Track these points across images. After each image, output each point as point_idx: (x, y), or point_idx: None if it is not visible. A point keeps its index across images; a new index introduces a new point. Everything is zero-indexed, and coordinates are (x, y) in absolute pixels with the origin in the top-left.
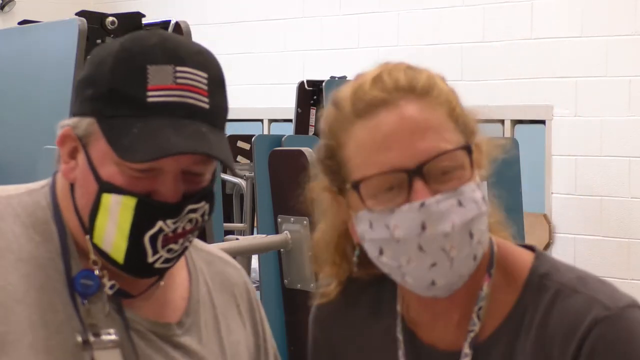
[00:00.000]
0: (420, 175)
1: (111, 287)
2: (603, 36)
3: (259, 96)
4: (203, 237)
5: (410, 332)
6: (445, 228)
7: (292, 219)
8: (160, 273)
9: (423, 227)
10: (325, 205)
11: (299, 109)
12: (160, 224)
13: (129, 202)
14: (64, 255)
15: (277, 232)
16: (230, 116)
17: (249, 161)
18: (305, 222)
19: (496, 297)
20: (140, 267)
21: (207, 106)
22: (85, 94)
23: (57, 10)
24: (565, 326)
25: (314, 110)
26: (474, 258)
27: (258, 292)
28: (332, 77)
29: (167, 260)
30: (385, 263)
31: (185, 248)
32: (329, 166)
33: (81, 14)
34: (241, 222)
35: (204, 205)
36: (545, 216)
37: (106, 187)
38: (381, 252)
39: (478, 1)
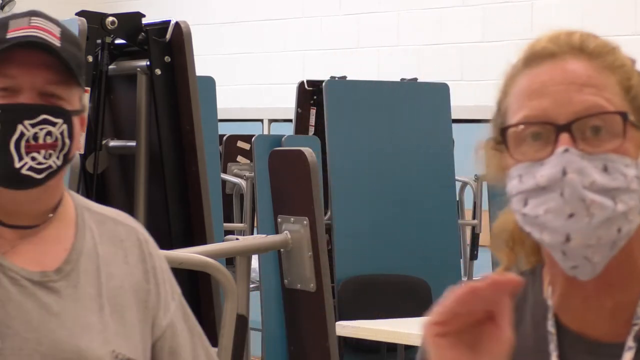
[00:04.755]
0: (569, 131)
1: None
2: (603, 36)
3: (259, 96)
4: (203, 236)
5: (559, 324)
6: (585, 181)
7: (292, 219)
8: (27, 183)
9: (564, 173)
10: (494, 170)
11: (299, 109)
12: (20, 127)
13: None
14: None
15: (277, 232)
16: (230, 116)
17: (249, 161)
18: (305, 222)
19: None
20: (8, 174)
21: (57, 44)
22: None
23: (57, 10)
24: None
25: (314, 110)
26: (617, 230)
27: (258, 292)
28: (332, 77)
29: (32, 169)
30: (527, 214)
31: (50, 167)
32: (494, 120)
33: (81, 14)
34: (241, 222)
35: (62, 124)
36: None
37: None
38: (525, 203)
39: (478, 1)
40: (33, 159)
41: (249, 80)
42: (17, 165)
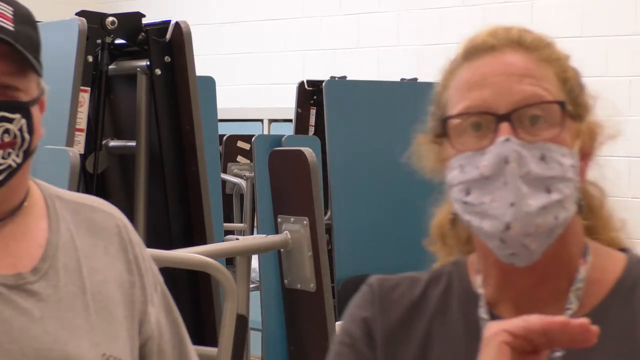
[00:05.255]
0: (509, 120)
1: None
2: (603, 36)
3: (259, 96)
4: (203, 236)
5: (492, 313)
6: (522, 170)
7: (292, 219)
8: None
9: (506, 162)
10: (430, 162)
11: (299, 109)
12: None
13: None
14: None
15: (277, 232)
16: (230, 116)
17: (249, 161)
18: (305, 222)
19: (591, 280)
20: None
21: (11, 28)
22: None
23: (57, 10)
24: None
25: (314, 110)
26: (554, 218)
27: (258, 292)
28: (332, 77)
29: None
30: (469, 202)
31: (10, 167)
32: (433, 114)
33: (81, 14)
34: (241, 222)
35: (20, 119)
36: None
37: None
38: (467, 193)
39: (478, 1)
40: None
41: (249, 80)
42: None
